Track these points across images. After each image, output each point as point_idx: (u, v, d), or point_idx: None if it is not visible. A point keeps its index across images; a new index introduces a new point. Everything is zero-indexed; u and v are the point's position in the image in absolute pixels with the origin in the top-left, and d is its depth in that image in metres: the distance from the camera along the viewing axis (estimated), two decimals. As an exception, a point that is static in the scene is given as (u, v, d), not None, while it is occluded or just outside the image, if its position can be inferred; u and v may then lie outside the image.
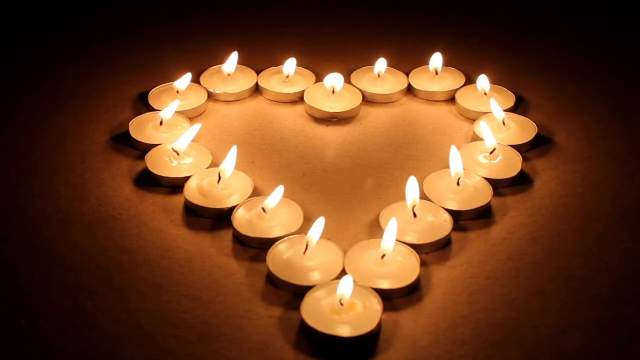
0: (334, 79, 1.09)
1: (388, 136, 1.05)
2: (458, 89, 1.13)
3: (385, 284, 0.78)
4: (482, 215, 0.89)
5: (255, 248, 0.84)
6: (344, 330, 0.72)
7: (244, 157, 0.98)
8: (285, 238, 0.83)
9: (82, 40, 1.30)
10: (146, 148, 0.98)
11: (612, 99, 1.14)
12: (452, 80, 1.15)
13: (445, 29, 1.35)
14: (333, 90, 1.09)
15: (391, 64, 1.16)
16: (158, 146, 0.98)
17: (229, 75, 1.13)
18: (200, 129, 0.99)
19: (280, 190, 0.87)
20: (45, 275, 0.80)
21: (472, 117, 1.07)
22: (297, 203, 0.89)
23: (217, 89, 1.12)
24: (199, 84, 1.13)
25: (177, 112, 1.04)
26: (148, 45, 1.27)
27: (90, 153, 1.00)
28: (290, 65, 1.14)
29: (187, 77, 1.09)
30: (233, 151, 0.93)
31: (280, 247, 0.82)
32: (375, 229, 0.87)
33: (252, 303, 0.77)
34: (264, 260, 0.81)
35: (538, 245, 0.85)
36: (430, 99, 1.13)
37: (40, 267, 0.81)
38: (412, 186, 0.87)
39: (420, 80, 1.15)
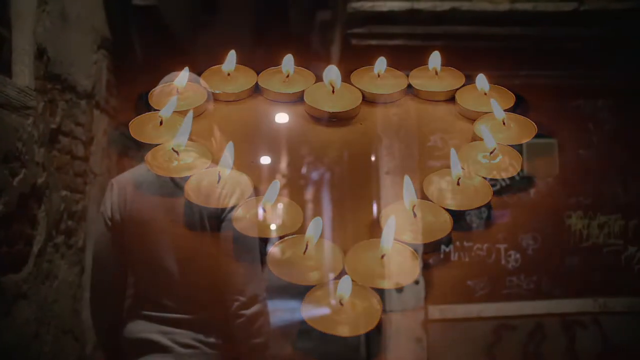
0: (331, 72, 1.08)
1: (388, 136, 1.05)
2: (458, 89, 1.13)
3: (385, 284, 0.78)
4: (482, 216, 0.89)
5: (255, 248, 0.84)
6: (344, 330, 0.72)
7: (244, 157, 0.98)
8: (286, 238, 0.83)
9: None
10: (146, 148, 0.98)
11: (613, 98, 1.14)
12: (452, 80, 1.15)
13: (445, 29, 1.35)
14: (333, 89, 1.09)
15: (391, 64, 1.16)
16: (158, 146, 0.98)
17: (228, 74, 1.13)
18: (200, 129, 0.99)
19: (276, 185, 0.87)
20: (46, 275, 0.80)
21: (472, 117, 1.07)
22: (297, 203, 0.89)
23: (217, 89, 1.12)
24: (199, 84, 1.13)
25: (177, 112, 1.03)
26: (148, 46, 1.27)
27: (90, 153, 1.00)
28: (288, 62, 1.13)
29: (185, 72, 1.09)
30: (230, 148, 0.92)
31: (280, 247, 0.82)
32: (375, 229, 0.87)
33: (252, 303, 0.77)
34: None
35: (538, 246, 0.85)
36: (430, 99, 1.13)
37: (41, 267, 0.81)
38: (408, 186, 0.87)
39: (420, 80, 1.15)
